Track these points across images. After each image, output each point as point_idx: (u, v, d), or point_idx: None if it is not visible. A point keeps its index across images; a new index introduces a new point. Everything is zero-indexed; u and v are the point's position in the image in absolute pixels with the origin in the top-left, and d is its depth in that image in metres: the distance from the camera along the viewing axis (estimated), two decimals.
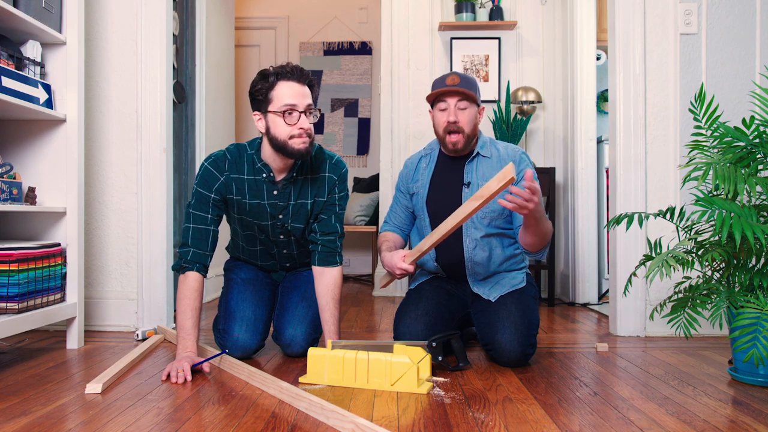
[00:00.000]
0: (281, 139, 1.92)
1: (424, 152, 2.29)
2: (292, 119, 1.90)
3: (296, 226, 2.11)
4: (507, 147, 2.19)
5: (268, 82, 1.92)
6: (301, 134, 1.91)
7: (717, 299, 1.86)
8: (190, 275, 1.97)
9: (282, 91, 1.91)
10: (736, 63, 2.67)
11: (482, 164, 2.16)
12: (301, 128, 1.90)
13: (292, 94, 1.90)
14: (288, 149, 1.92)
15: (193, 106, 3.49)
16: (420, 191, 2.22)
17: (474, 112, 2.12)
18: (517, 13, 3.81)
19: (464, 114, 2.09)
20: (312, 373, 1.85)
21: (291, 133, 1.91)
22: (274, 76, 1.92)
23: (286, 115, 1.90)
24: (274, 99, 1.91)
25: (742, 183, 1.76)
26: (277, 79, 1.92)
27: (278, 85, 1.91)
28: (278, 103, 1.91)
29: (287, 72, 1.92)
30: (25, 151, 2.34)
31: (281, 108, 1.90)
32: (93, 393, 1.70)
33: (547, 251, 2.13)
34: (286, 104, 1.90)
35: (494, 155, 2.17)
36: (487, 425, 1.45)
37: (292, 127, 1.90)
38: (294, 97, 1.90)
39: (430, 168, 2.24)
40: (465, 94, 2.08)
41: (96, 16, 2.67)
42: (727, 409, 1.61)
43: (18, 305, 2.03)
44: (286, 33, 5.43)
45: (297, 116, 1.90)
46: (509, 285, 2.15)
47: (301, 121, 1.91)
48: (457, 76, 2.10)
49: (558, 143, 3.81)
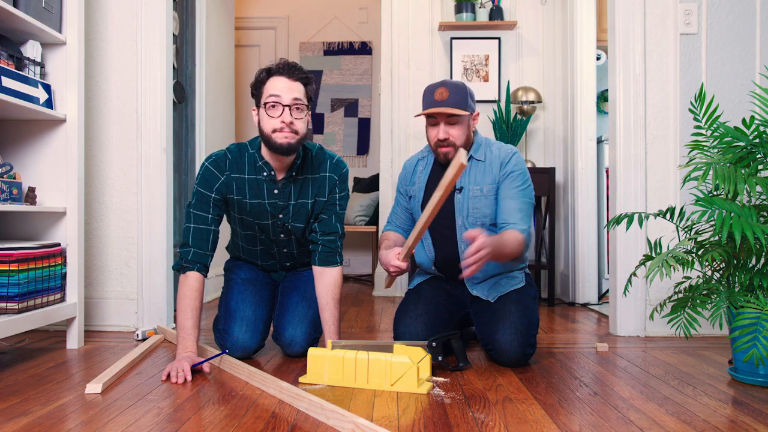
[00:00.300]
0: (266, 132, 1.94)
1: (421, 155, 2.28)
2: (275, 111, 1.91)
3: (297, 225, 2.11)
4: (501, 148, 2.16)
5: (262, 77, 1.96)
6: (283, 128, 1.91)
7: (717, 299, 1.86)
8: (190, 275, 1.97)
9: (271, 85, 1.94)
10: (736, 63, 2.67)
11: (475, 168, 2.14)
12: (283, 121, 1.91)
13: (278, 87, 1.92)
14: (271, 143, 1.94)
15: (193, 106, 3.49)
16: (416, 194, 2.23)
17: (465, 125, 2.08)
18: (517, 13, 3.81)
19: (455, 129, 2.06)
20: (312, 373, 1.85)
21: (274, 127, 1.92)
22: (266, 72, 1.96)
23: (269, 107, 1.92)
24: (264, 93, 1.95)
25: (742, 183, 1.76)
26: (268, 75, 1.95)
27: (270, 80, 1.95)
28: (265, 95, 1.94)
29: (279, 67, 1.95)
30: (25, 151, 2.34)
31: (265, 99, 1.93)
32: (93, 393, 1.70)
33: (529, 250, 2.14)
34: (270, 95, 1.92)
35: (488, 158, 2.14)
36: (487, 425, 1.45)
37: (275, 120, 1.91)
38: (278, 90, 1.92)
39: (426, 172, 2.23)
40: (453, 114, 2.03)
41: (96, 16, 2.67)
42: (727, 409, 1.61)
43: (18, 305, 2.03)
44: (286, 33, 5.43)
45: (280, 109, 1.91)
46: (508, 285, 2.14)
47: (283, 115, 1.91)
48: (446, 89, 2.03)
49: (558, 143, 3.81)
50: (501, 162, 2.12)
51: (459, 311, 2.23)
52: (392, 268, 2.01)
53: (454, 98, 2.03)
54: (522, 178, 2.11)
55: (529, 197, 2.12)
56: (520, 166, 2.12)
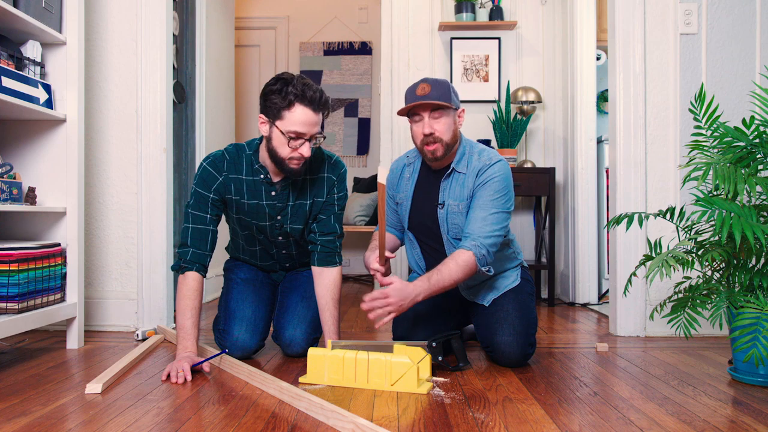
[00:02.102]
0: (279, 156, 1.93)
1: (408, 161, 2.21)
2: (295, 144, 1.90)
3: (295, 227, 2.11)
4: (481, 157, 2.06)
5: (286, 101, 1.86)
6: (300, 158, 1.92)
7: (717, 299, 1.86)
8: (189, 275, 1.97)
9: (296, 116, 1.87)
10: (736, 63, 2.67)
11: (455, 182, 2.06)
12: (301, 154, 1.91)
13: (304, 121, 1.87)
14: (283, 166, 1.95)
15: (193, 106, 3.49)
16: (404, 202, 2.17)
17: (451, 119, 2.01)
18: (517, 13, 3.81)
19: (440, 123, 1.99)
20: (312, 373, 1.85)
21: (290, 156, 1.92)
22: (293, 96, 1.86)
23: (291, 140, 1.89)
24: (286, 119, 1.88)
25: (742, 183, 1.76)
26: (295, 100, 1.86)
27: (295, 107, 1.86)
28: (288, 125, 1.88)
29: (308, 98, 1.87)
30: (25, 151, 2.34)
31: (289, 132, 1.88)
32: (93, 393, 1.70)
33: (482, 269, 1.99)
34: (295, 131, 1.88)
35: (468, 169, 2.05)
36: (487, 425, 1.45)
37: (294, 151, 1.91)
38: (305, 126, 1.88)
39: (413, 180, 2.16)
40: (436, 105, 1.97)
41: (96, 16, 2.67)
42: (727, 409, 1.61)
43: (18, 305, 2.03)
44: (286, 33, 5.43)
45: (301, 143, 1.90)
46: (503, 287, 2.12)
47: (302, 148, 1.90)
48: (428, 84, 1.97)
49: (558, 143, 3.81)
50: (477, 171, 2.03)
51: (458, 311, 2.23)
52: (372, 271, 2.01)
53: (436, 92, 1.96)
54: (497, 187, 2.00)
55: (502, 207, 2.00)
56: (497, 176, 2.00)
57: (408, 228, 2.18)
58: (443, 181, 2.08)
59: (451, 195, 2.06)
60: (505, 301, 2.07)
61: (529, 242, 3.85)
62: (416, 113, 2.02)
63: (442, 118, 2.00)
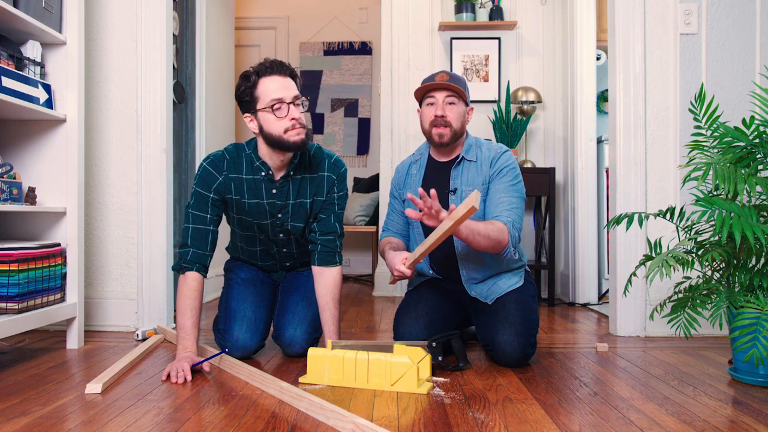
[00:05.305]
0: (276, 134, 1.92)
1: (414, 158, 2.28)
2: (281, 112, 1.91)
3: (296, 225, 2.11)
4: (491, 148, 2.15)
5: (250, 82, 1.93)
6: (294, 125, 1.91)
7: (717, 299, 1.86)
8: (189, 275, 1.97)
9: (266, 87, 1.92)
10: (736, 63, 2.67)
11: (467, 169, 2.14)
12: (293, 118, 1.91)
13: (276, 87, 1.91)
14: (285, 143, 1.93)
15: (193, 106, 3.49)
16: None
17: (462, 110, 2.12)
18: (517, 13, 3.81)
19: (452, 109, 2.09)
20: (312, 373, 1.85)
21: (285, 127, 1.91)
22: (254, 75, 1.93)
23: (275, 109, 1.91)
24: (261, 96, 1.92)
25: (742, 183, 1.76)
26: (258, 77, 1.93)
27: (261, 82, 1.93)
28: (265, 99, 1.92)
29: (267, 67, 1.93)
30: (25, 151, 2.34)
31: (269, 103, 1.91)
32: (93, 393, 1.70)
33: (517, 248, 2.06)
34: (272, 98, 1.91)
35: (479, 158, 2.14)
36: (487, 425, 1.45)
37: (284, 120, 1.91)
38: (279, 91, 1.91)
39: (420, 174, 2.22)
40: (454, 89, 2.07)
41: (96, 16, 2.67)
42: (727, 409, 1.61)
43: (18, 305, 2.03)
44: (286, 33, 5.43)
45: (286, 108, 1.91)
46: (506, 286, 2.13)
47: (291, 112, 1.91)
48: (447, 74, 2.09)
49: (558, 143, 3.81)
50: (491, 160, 2.12)
51: (459, 312, 2.23)
52: (396, 272, 2.01)
53: (454, 81, 2.09)
54: (512, 174, 2.09)
55: (520, 193, 2.09)
56: (511, 163, 2.11)
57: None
58: (453, 170, 2.15)
59: (464, 182, 2.13)
60: (508, 301, 2.07)
61: (529, 242, 3.85)
62: (431, 95, 2.10)
63: (455, 105, 2.09)
